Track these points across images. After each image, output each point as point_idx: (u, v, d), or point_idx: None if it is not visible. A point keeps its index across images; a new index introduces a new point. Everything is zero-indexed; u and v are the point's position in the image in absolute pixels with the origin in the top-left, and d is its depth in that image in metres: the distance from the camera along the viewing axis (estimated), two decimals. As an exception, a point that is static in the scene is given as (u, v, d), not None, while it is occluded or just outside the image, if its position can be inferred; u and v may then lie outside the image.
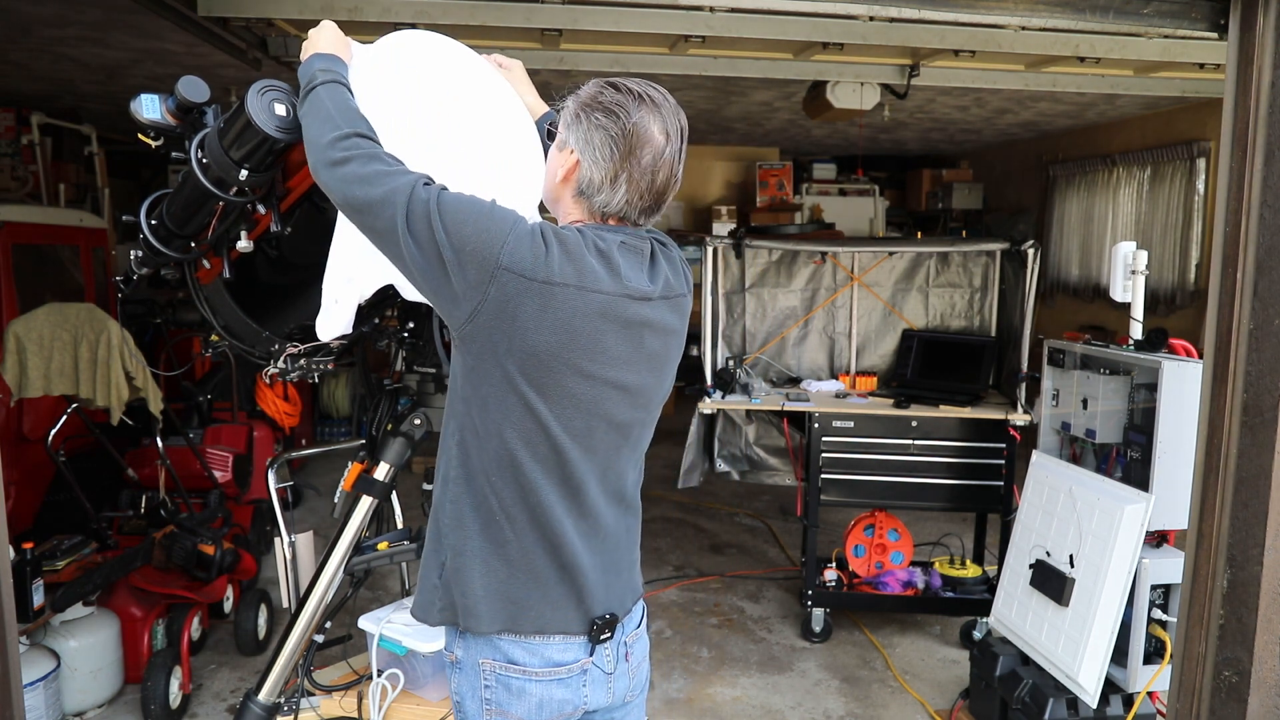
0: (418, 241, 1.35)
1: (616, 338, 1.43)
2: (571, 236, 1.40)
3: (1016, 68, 4.53)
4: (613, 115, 1.40)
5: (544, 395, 1.40)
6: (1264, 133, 1.75)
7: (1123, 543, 2.68)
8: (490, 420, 1.41)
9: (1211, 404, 1.87)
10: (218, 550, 3.58)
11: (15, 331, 3.37)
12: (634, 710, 1.65)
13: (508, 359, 1.37)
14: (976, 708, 3.20)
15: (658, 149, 1.42)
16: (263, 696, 2.34)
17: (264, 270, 2.07)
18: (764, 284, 4.52)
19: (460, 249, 1.34)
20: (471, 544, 1.46)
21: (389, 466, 2.34)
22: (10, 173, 5.33)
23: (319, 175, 1.44)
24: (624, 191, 1.43)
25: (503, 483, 1.43)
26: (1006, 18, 2.01)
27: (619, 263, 1.43)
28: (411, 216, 1.35)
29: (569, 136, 1.45)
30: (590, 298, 1.39)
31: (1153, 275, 5.91)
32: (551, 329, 1.37)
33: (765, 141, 7.78)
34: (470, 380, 1.42)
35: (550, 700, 1.48)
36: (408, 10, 3.44)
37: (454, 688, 1.53)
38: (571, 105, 1.45)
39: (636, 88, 1.43)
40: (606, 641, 1.53)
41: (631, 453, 1.56)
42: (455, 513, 1.48)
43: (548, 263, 1.35)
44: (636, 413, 1.52)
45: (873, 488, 3.94)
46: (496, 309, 1.35)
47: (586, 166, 1.43)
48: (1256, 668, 1.79)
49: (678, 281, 1.54)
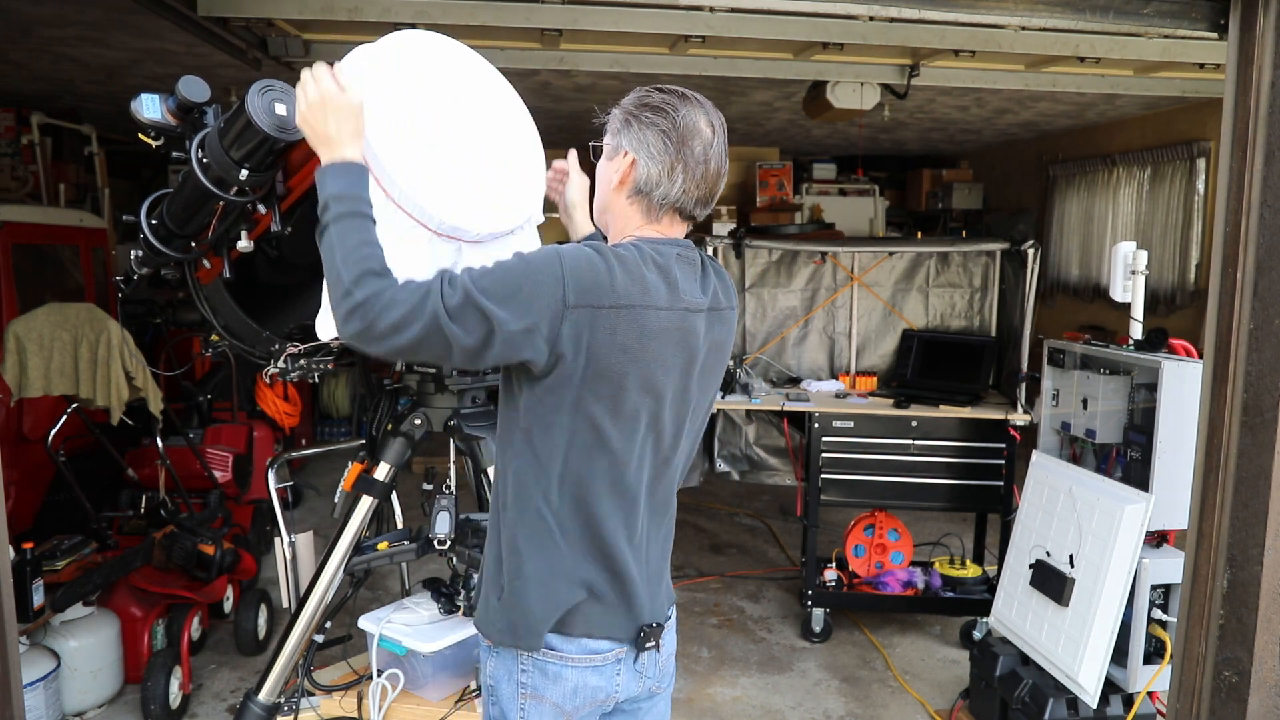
0: (471, 331, 1.34)
1: (675, 350, 1.47)
2: (629, 254, 1.43)
3: (1016, 68, 4.53)
4: (662, 112, 1.46)
5: (610, 413, 1.43)
6: (1264, 133, 1.75)
7: (1123, 543, 2.68)
8: (553, 442, 1.44)
9: (1211, 404, 1.86)
10: (218, 550, 3.58)
11: (15, 331, 3.37)
12: (661, 701, 1.68)
13: (581, 385, 1.40)
14: (976, 708, 3.20)
15: (706, 139, 1.48)
16: (263, 696, 2.34)
17: (264, 270, 2.07)
18: (764, 284, 4.52)
19: (524, 315, 1.34)
20: (528, 566, 1.48)
21: (389, 466, 2.34)
22: (10, 173, 5.32)
23: (342, 329, 1.38)
24: (681, 181, 1.47)
25: (561, 501, 1.46)
26: (1006, 18, 2.01)
27: (676, 276, 1.47)
28: (454, 314, 1.34)
29: (620, 142, 1.50)
30: (654, 315, 1.42)
31: (1153, 275, 5.91)
32: (622, 348, 1.39)
33: (765, 141, 7.78)
34: (535, 410, 1.44)
35: (585, 686, 1.51)
36: (408, 10, 3.43)
37: (489, 670, 1.55)
38: (618, 114, 1.51)
39: (673, 88, 1.50)
40: (651, 649, 1.58)
41: (680, 463, 1.61)
42: (511, 536, 1.50)
43: (612, 286, 1.38)
44: (687, 425, 1.57)
45: (873, 488, 3.94)
46: (573, 345, 1.37)
47: (643, 163, 1.47)
48: (1256, 668, 1.79)
49: (726, 295, 1.59)
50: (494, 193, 1.75)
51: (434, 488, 2.49)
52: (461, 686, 2.44)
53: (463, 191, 1.68)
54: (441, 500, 2.40)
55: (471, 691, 2.39)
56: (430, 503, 2.43)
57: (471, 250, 1.74)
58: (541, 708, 1.50)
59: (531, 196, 1.82)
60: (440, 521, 2.38)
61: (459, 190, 1.67)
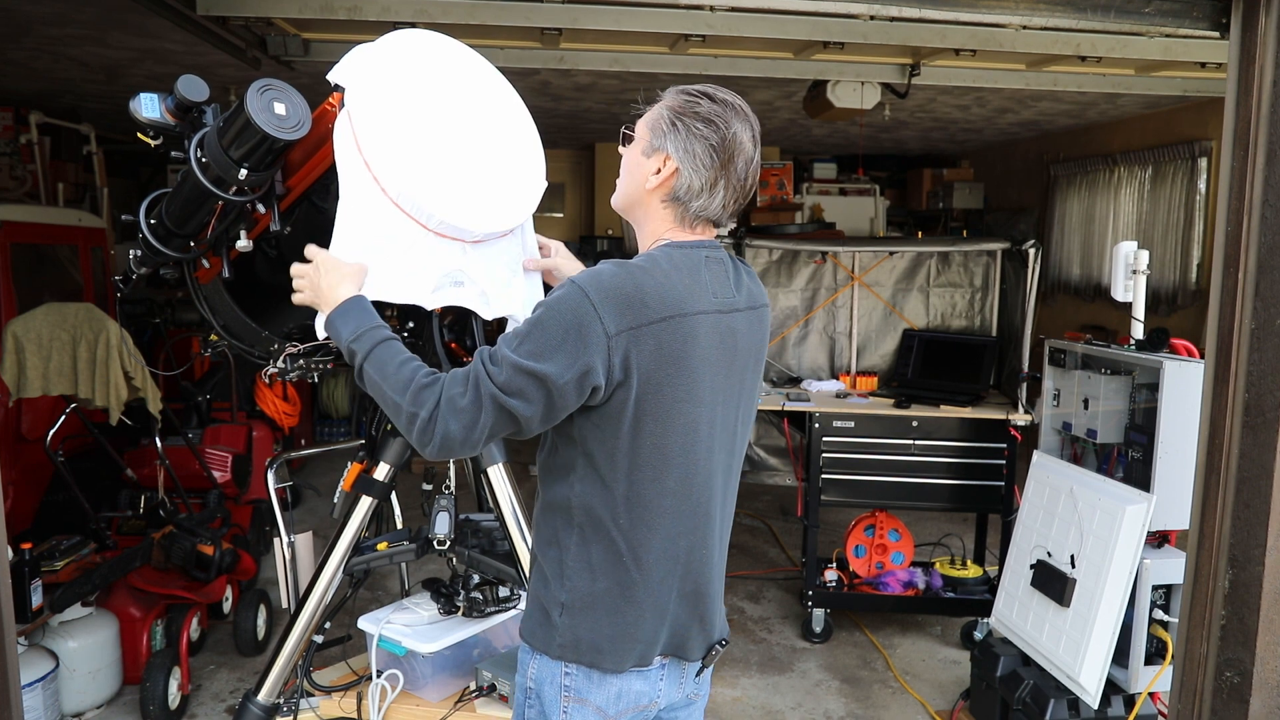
0: (531, 399, 1.34)
1: (718, 354, 1.46)
2: (657, 264, 1.42)
3: (1017, 67, 4.52)
4: (713, 125, 1.43)
5: (668, 428, 1.41)
6: (1266, 132, 1.74)
7: (1124, 543, 2.67)
8: (617, 466, 1.42)
9: (1213, 404, 1.86)
10: (217, 550, 3.58)
11: (14, 331, 3.37)
12: (697, 711, 1.67)
13: (636, 405, 1.39)
14: (977, 708, 3.19)
15: (749, 156, 1.48)
16: (262, 697, 2.33)
17: (263, 270, 2.06)
18: (764, 284, 4.50)
19: (573, 362, 1.33)
20: (599, 586, 1.46)
21: (389, 466, 2.33)
22: (9, 172, 5.31)
23: (424, 450, 1.39)
24: (721, 197, 1.46)
25: (631, 523, 1.44)
26: (1007, 17, 2.01)
27: (706, 279, 1.46)
28: (508, 390, 1.34)
29: (664, 144, 1.46)
30: (692, 321, 1.41)
31: (1154, 275, 5.90)
32: (668, 361, 1.39)
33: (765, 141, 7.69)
34: (593, 436, 1.42)
35: (629, 691, 1.50)
36: (408, 9, 3.43)
37: (532, 673, 1.52)
38: (666, 114, 1.47)
39: (727, 97, 1.47)
40: (713, 661, 1.58)
41: (739, 467, 1.60)
42: (580, 556, 1.47)
43: (644, 302, 1.36)
44: (740, 426, 1.56)
45: (873, 488, 3.94)
46: (622, 370, 1.36)
47: (686, 174, 1.45)
48: (1258, 668, 1.78)
49: (759, 292, 1.58)
50: (493, 192, 1.74)
51: (434, 488, 2.48)
52: (461, 687, 2.43)
53: (462, 190, 1.68)
54: (441, 500, 2.40)
55: (471, 692, 2.39)
56: (430, 503, 2.42)
57: (475, 250, 1.74)
58: (585, 710, 1.48)
59: (531, 196, 1.82)
60: (440, 522, 2.37)
61: (458, 189, 1.67)
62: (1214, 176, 5.60)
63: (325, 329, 1.54)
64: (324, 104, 1.68)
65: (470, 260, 1.73)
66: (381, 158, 1.57)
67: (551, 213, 8.86)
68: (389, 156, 1.58)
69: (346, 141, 1.58)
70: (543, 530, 1.53)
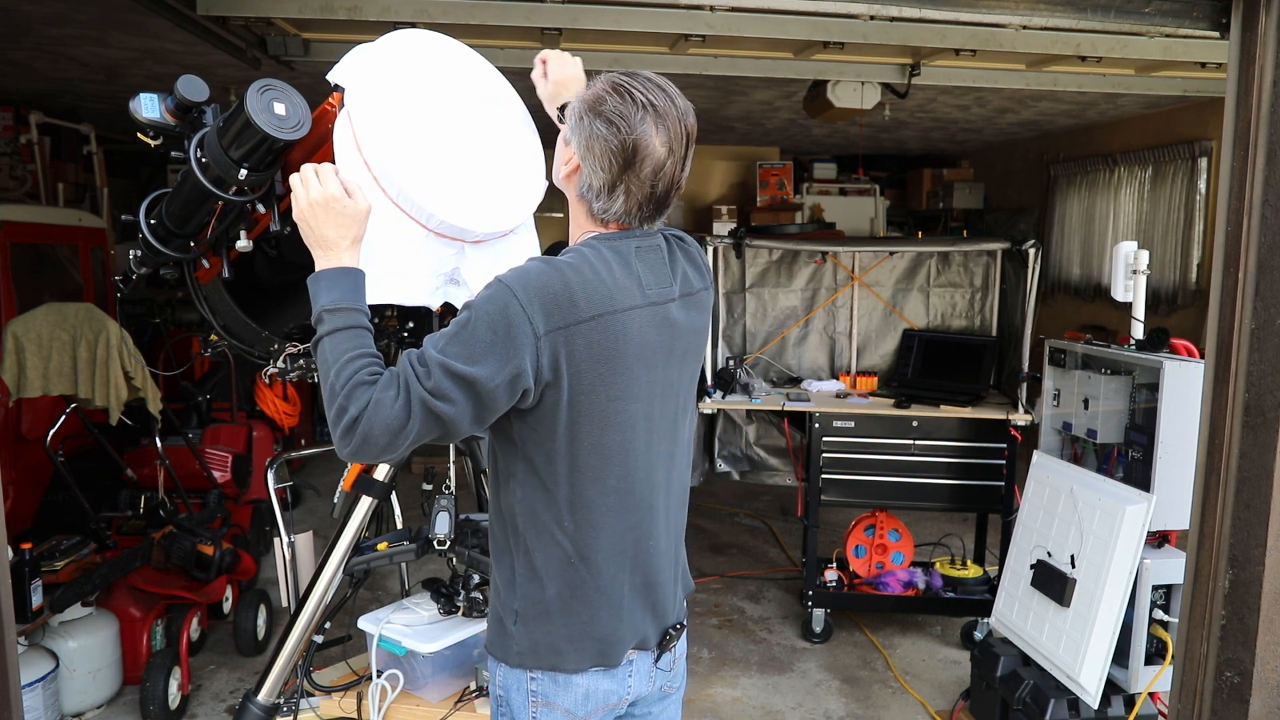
0: (458, 401, 1.30)
1: (654, 347, 1.43)
2: (586, 261, 1.37)
3: (1017, 67, 4.52)
4: (613, 127, 1.34)
5: (605, 426, 1.39)
6: (1266, 132, 1.74)
7: (1124, 543, 2.67)
8: (556, 469, 1.40)
9: (1213, 404, 1.86)
10: (217, 550, 3.58)
11: (14, 331, 3.37)
12: (672, 704, 1.66)
13: (570, 406, 1.36)
14: (977, 708, 3.19)
15: (658, 162, 1.37)
16: (262, 697, 2.33)
17: (263, 270, 2.06)
18: (764, 284, 4.51)
19: (503, 364, 1.29)
20: (550, 591, 1.45)
21: (388, 466, 2.33)
22: (9, 172, 5.31)
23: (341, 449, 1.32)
24: (622, 201, 1.39)
25: (576, 525, 1.42)
26: (1007, 17, 2.01)
27: (639, 270, 1.42)
28: (436, 393, 1.28)
29: (571, 136, 1.41)
30: (623, 317, 1.37)
31: (1154, 275, 5.90)
32: (600, 359, 1.36)
33: (765, 141, 7.77)
34: (531, 439, 1.40)
35: (596, 691, 1.49)
36: (408, 9, 3.43)
37: (499, 681, 1.52)
38: (578, 105, 1.40)
39: (641, 94, 1.36)
40: (671, 646, 1.57)
41: (684, 453, 1.58)
42: (528, 563, 1.46)
43: (573, 300, 1.33)
44: (680, 413, 1.54)
45: (873, 488, 3.94)
46: (552, 371, 1.33)
47: (586, 172, 1.39)
48: (1258, 669, 1.78)
49: (697, 277, 1.53)
50: (493, 192, 1.74)
51: (434, 488, 2.48)
52: (461, 687, 2.43)
53: (461, 190, 1.68)
54: (441, 500, 2.40)
55: (471, 692, 2.39)
56: (430, 503, 2.42)
57: (474, 251, 1.74)
58: (553, 714, 1.48)
59: (531, 196, 1.82)
60: (440, 522, 2.37)
61: (457, 189, 1.67)
62: (1214, 176, 5.60)
63: (310, 281, 1.46)
64: (324, 104, 1.68)
65: (470, 260, 1.73)
66: (381, 158, 1.57)
67: (552, 212, 8.82)
68: (389, 157, 1.58)
69: (346, 142, 1.58)
70: (496, 538, 1.51)
